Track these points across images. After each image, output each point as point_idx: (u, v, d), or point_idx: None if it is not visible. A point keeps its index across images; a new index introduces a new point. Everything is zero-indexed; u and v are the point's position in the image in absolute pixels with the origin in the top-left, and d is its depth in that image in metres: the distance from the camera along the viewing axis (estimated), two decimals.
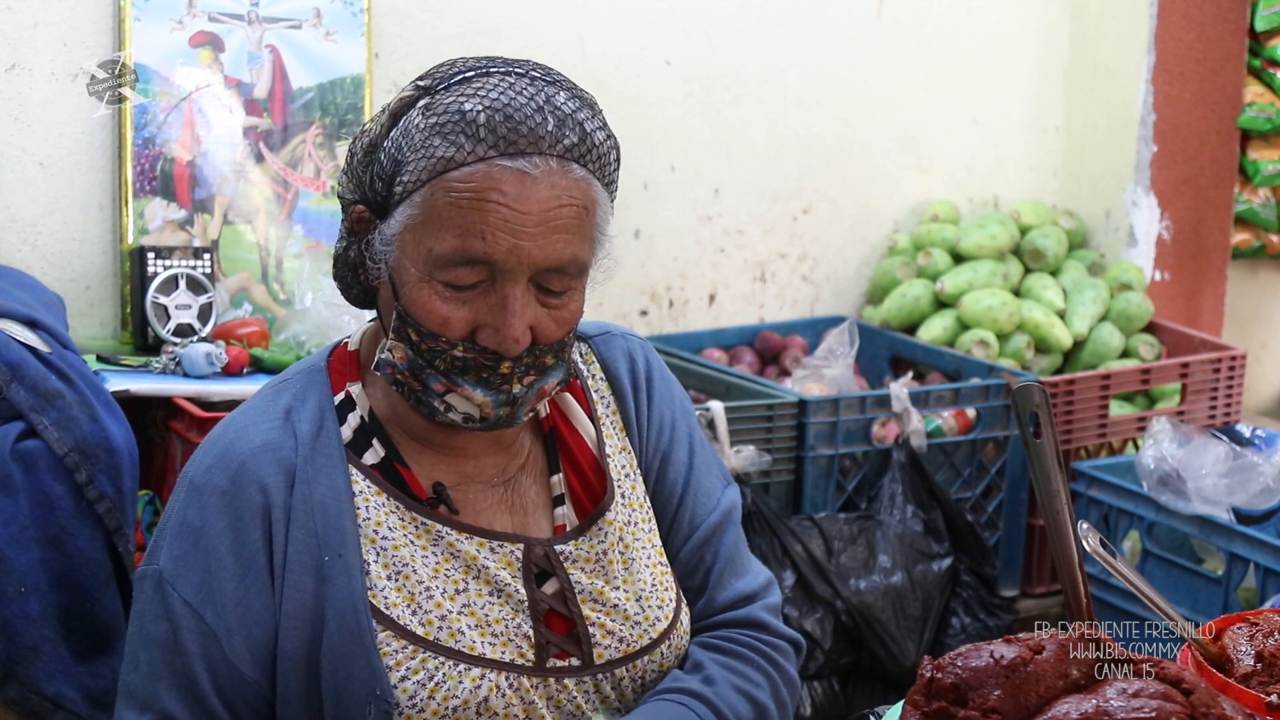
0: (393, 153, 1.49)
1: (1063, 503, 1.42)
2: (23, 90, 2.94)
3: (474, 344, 1.50)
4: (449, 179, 1.46)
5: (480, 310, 1.49)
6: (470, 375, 1.51)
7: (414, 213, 1.48)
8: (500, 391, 1.53)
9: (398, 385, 1.55)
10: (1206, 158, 4.27)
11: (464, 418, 1.54)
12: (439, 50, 3.38)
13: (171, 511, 1.57)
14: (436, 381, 1.52)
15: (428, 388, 1.53)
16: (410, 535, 1.57)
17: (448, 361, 1.51)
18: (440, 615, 1.55)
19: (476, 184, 1.45)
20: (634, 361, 1.75)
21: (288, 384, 1.63)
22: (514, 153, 1.46)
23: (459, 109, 1.47)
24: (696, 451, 1.76)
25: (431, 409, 1.55)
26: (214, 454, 1.56)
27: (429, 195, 1.47)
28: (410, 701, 1.51)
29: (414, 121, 1.49)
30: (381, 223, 1.52)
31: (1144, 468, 3.20)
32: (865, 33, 3.98)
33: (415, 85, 1.53)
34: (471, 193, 1.45)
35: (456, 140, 1.46)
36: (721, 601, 1.72)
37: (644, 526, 1.70)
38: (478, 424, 1.55)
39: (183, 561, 1.53)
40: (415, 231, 1.48)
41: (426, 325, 1.50)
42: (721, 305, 3.90)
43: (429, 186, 1.47)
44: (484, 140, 1.45)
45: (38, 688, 2.35)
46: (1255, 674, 1.40)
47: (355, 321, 2.91)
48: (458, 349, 1.50)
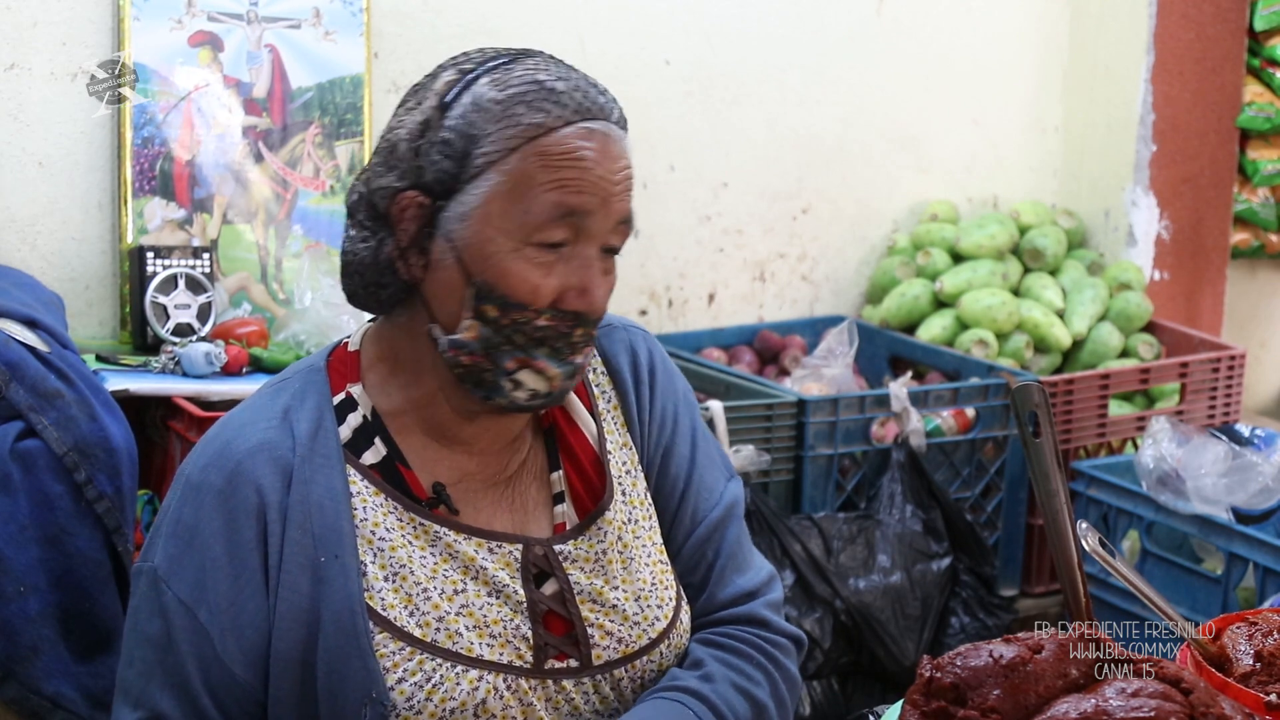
0: (463, 129, 1.51)
1: (1062, 502, 1.42)
2: (22, 90, 2.94)
3: (557, 311, 1.53)
4: (541, 143, 1.50)
5: (564, 275, 1.53)
6: (544, 347, 1.54)
7: (500, 180, 1.50)
8: (568, 363, 1.56)
9: (461, 369, 1.55)
10: (1206, 157, 4.27)
11: (530, 395, 1.55)
12: (439, 50, 3.35)
13: (168, 509, 1.57)
14: (510, 359, 1.53)
15: (499, 366, 1.54)
16: (408, 536, 1.56)
17: (526, 334, 1.53)
18: (438, 616, 1.54)
19: (570, 145, 1.50)
20: (636, 354, 1.75)
21: (286, 384, 1.62)
22: (591, 116, 1.53)
23: (534, 79, 1.52)
24: (699, 445, 1.76)
25: (495, 389, 1.55)
26: (210, 453, 1.56)
27: (519, 162, 1.50)
28: (407, 703, 1.51)
29: (485, 95, 1.51)
30: (446, 202, 1.52)
31: (1143, 467, 3.20)
32: (865, 33, 3.98)
33: (456, 70, 1.55)
34: (565, 153, 1.50)
35: (543, 106, 1.50)
36: (723, 598, 1.72)
37: (644, 524, 1.69)
38: (540, 400, 1.56)
39: (177, 560, 1.53)
40: (503, 200, 1.50)
41: (516, 295, 1.51)
42: (721, 305, 3.90)
43: (519, 153, 1.50)
44: (567, 105, 1.51)
45: (37, 687, 2.35)
46: (1254, 673, 1.40)
47: (355, 321, 2.91)
48: (542, 318, 1.52)
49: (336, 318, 2.93)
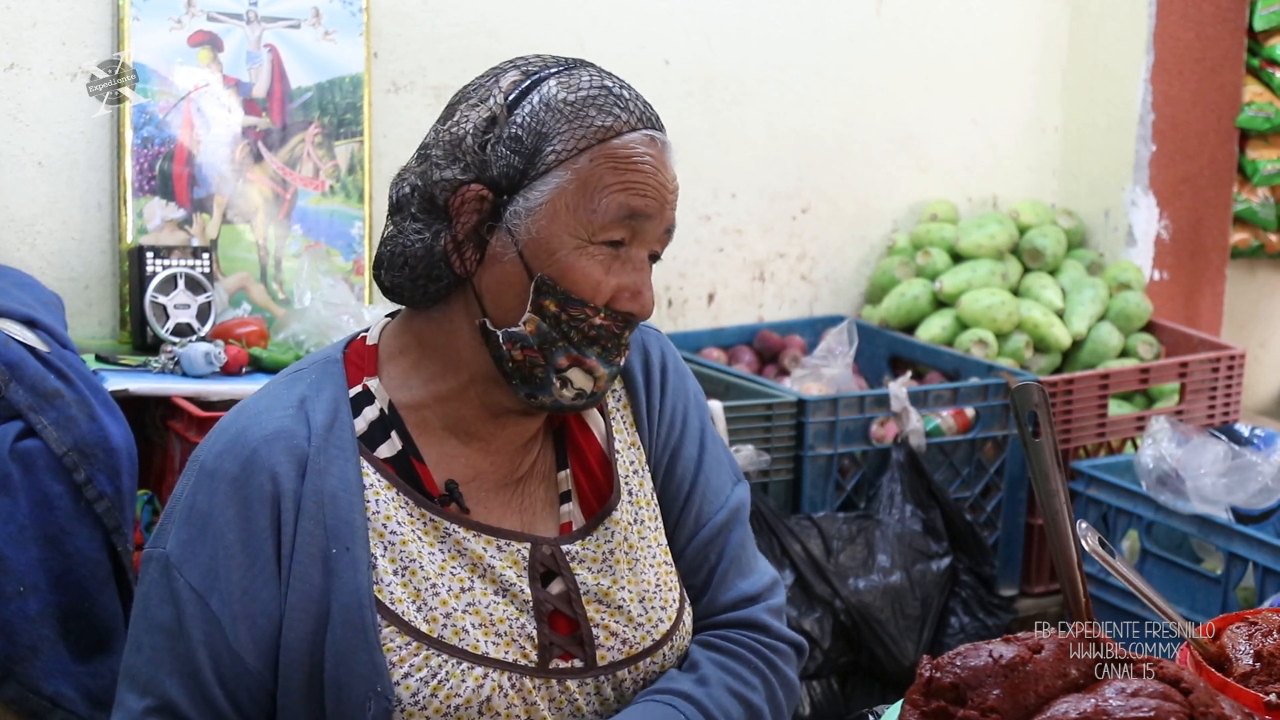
0: (534, 127, 1.54)
1: (1061, 502, 1.42)
2: (22, 90, 2.94)
3: (612, 311, 1.56)
4: (610, 146, 1.54)
5: (620, 276, 1.56)
6: (597, 346, 1.57)
7: (568, 177, 1.53)
8: (613, 364, 1.59)
9: (512, 364, 1.56)
10: (1205, 157, 4.27)
11: (576, 394, 1.58)
12: (438, 50, 3.38)
13: (180, 495, 1.57)
14: (562, 355, 1.56)
15: (550, 363, 1.56)
16: (418, 531, 1.57)
17: (582, 332, 1.55)
18: (445, 613, 1.55)
19: (635, 150, 1.55)
20: (648, 354, 1.75)
21: (302, 374, 1.62)
22: (649, 125, 1.58)
23: (602, 84, 1.57)
24: (707, 447, 1.76)
25: (541, 387, 1.56)
26: (226, 439, 1.56)
27: (588, 162, 1.54)
28: (413, 699, 1.51)
29: (556, 96, 1.55)
30: (511, 197, 1.54)
31: (1143, 467, 3.20)
32: (864, 32, 3.98)
33: (523, 72, 1.58)
34: (631, 156, 1.55)
35: (612, 111, 1.55)
36: (724, 601, 1.72)
37: (650, 525, 1.69)
38: (584, 400, 1.59)
39: (190, 547, 1.53)
40: (572, 197, 1.53)
41: (578, 292, 1.54)
42: (720, 305, 3.90)
43: (588, 153, 1.54)
44: (634, 113, 1.57)
45: (36, 687, 2.35)
46: (1254, 673, 1.40)
47: (354, 321, 2.91)
48: (599, 316, 1.55)
49: (336, 317, 2.93)
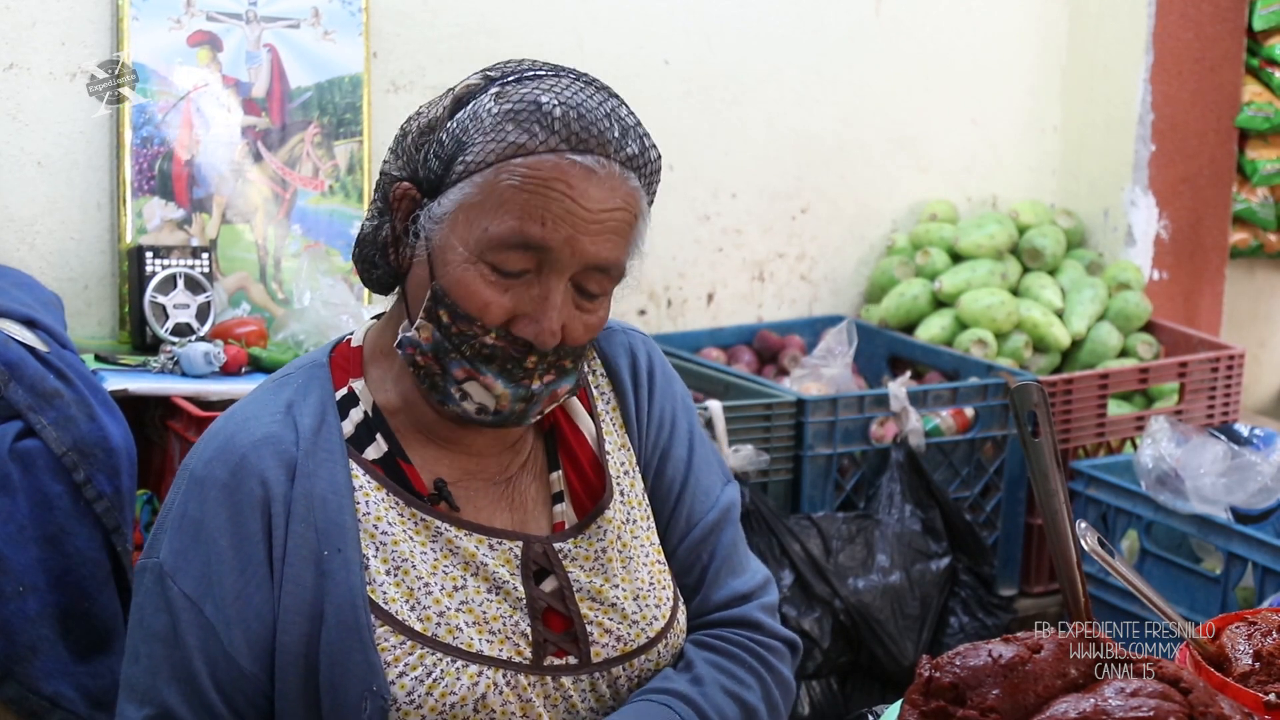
0: (457, 133, 1.52)
1: (1061, 502, 1.42)
2: (21, 89, 2.94)
3: (507, 333, 1.52)
4: (516, 164, 1.49)
5: (521, 300, 1.51)
6: (494, 365, 1.53)
7: (471, 192, 1.50)
8: (520, 385, 1.54)
9: (415, 368, 1.55)
10: (1205, 157, 4.27)
11: (478, 409, 1.54)
12: (437, 50, 3.38)
13: (172, 504, 1.57)
14: (458, 367, 1.53)
15: (447, 373, 1.54)
16: (409, 531, 1.57)
17: (474, 348, 1.52)
18: (439, 612, 1.55)
19: (544, 172, 1.48)
20: (635, 357, 1.75)
21: (289, 379, 1.63)
22: (583, 150, 1.49)
23: (535, 100, 1.50)
24: (696, 449, 1.76)
25: (446, 396, 1.55)
26: (215, 446, 1.56)
27: (492, 177, 1.49)
28: (408, 698, 1.51)
29: (485, 106, 1.52)
30: (431, 201, 1.54)
31: (1142, 467, 3.20)
32: (864, 33, 3.98)
33: (484, 75, 1.56)
34: (538, 179, 1.48)
35: (530, 128, 1.49)
36: (716, 600, 1.72)
37: (642, 525, 1.70)
38: (490, 417, 1.55)
39: (183, 555, 1.53)
40: (470, 211, 1.50)
41: (465, 307, 1.51)
42: (720, 304, 3.90)
43: (494, 168, 1.49)
44: (557, 133, 1.49)
45: (36, 687, 2.35)
46: (1253, 673, 1.40)
47: (353, 321, 2.91)
48: (490, 335, 1.51)
49: (335, 317, 2.93)
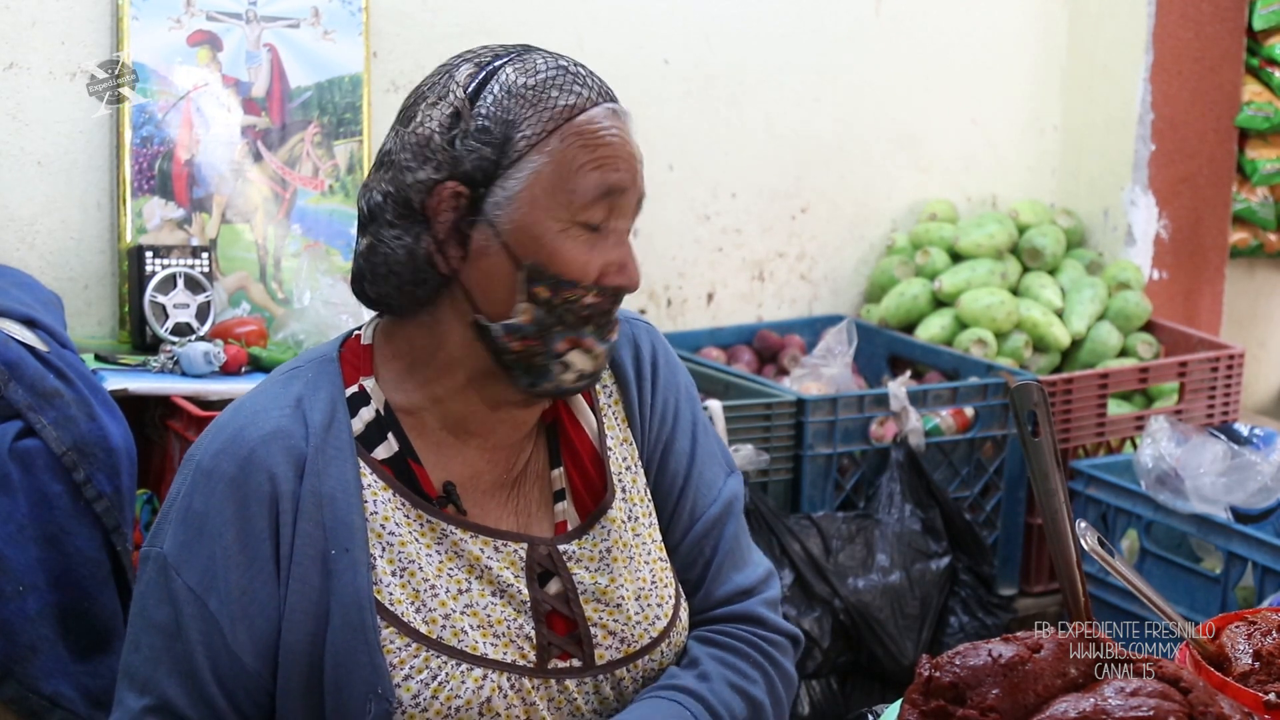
0: (500, 115, 1.52)
1: (1061, 501, 1.42)
2: (21, 89, 2.94)
3: (601, 287, 1.55)
4: (577, 123, 1.54)
5: (605, 252, 1.56)
6: (591, 325, 1.56)
7: (542, 161, 1.52)
8: (608, 340, 1.59)
9: (512, 356, 1.54)
10: (1204, 156, 4.27)
11: (577, 376, 1.57)
12: (437, 49, 3.37)
13: (177, 495, 1.56)
14: (561, 340, 1.55)
15: (550, 349, 1.55)
16: (416, 532, 1.57)
17: (577, 313, 1.55)
18: (444, 614, 1.55)
19: (600, 124, 1.55)
20: (639, 348, 1.74)
21: (298, 372, 1.62)
22: (609, 97, 1.58)
23: (558, 64, 1.56)
24: (699, 440, 1.75)
25: (544, 373, 1.56)
26: (223, 439, 1.55)
27: (558, 143, 1.53)
28: (414, 701, 1.51)
29: (515, 82, 1.53)
30: (487, 189, 1.52)
31: (1142, 466, 3.20)
32: (863, 32, 3.98)
33: (476, 64, 1.56)
34: (599, 131, 1.54)
35: (573, 88, 1.54)
36: (720, 595, 1.71)
37: (644, 521, 1.69)
38: (585, 380, 1.58)
39: (188, 548, 1.52)
40: (548, 180, 1.52)
41: (568, 274, 1.53)
42: (720, 304, 3.90)
43: (557, 134, 1.53)
44: (592, 87, 1.56)
45: (36, 687, 2.35)
46: (1253, 672, 1.40)
47: (353, 321, 2.91)
48: (590, 295, 1.55)
49: (335, 317, 2.93)
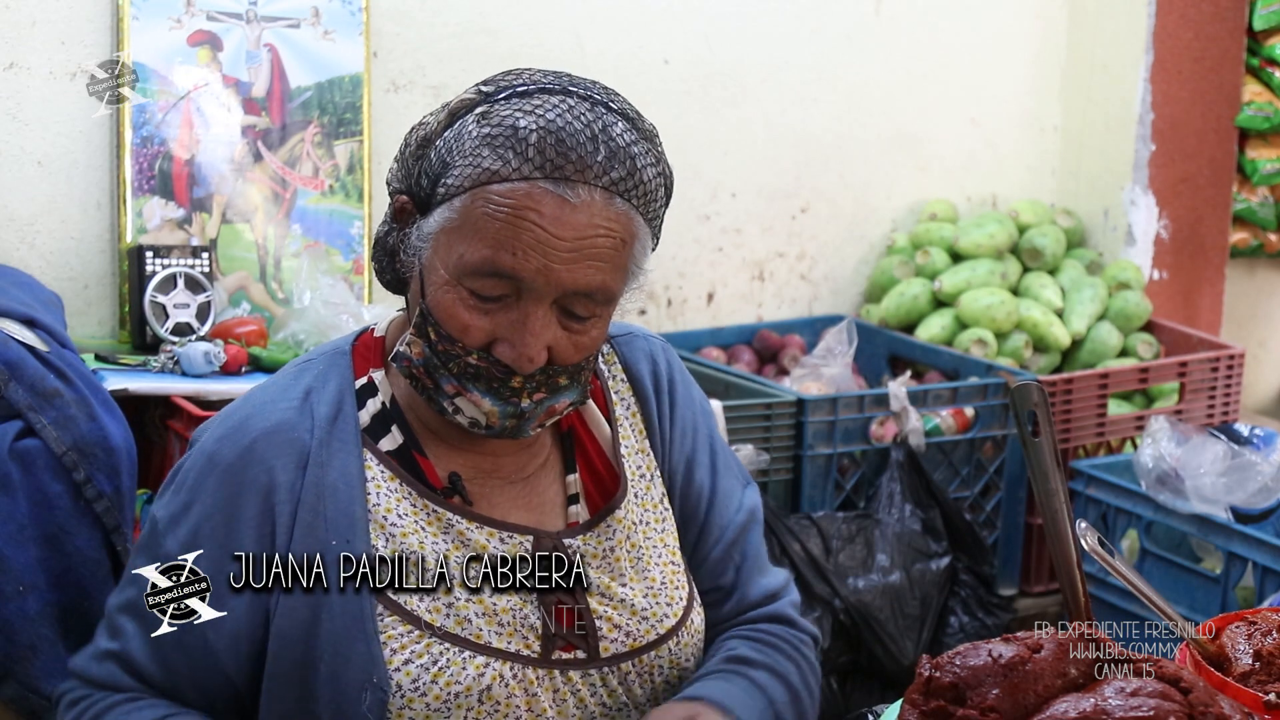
0: (443, 153, 1.51)
1: (1061, 501, 1.42)
2: (21, 89, 2.94)
3: (489, 355, 1.52)
4: (490, 191, 1.47)
5: (501, 324, 1.51)
6: (481, 383, 1.53)
7: (452, 216, 1.50)
8: (509, 403, 1.54)
9: (412, 379, 1.58)
10: (1205, 157, 4.27)
11: (470, 422, 1.56)
12: (437, 49, 3.38)
13: (181, 465, 1.62)
14: (448, 383, 1.55)
15: (439, 387, 1.55)
16: (421, 522, 1.58)
17: (460, 366, 1.53)
18: (447, 602, 1.56)
19: (516, 201, 1.46)
20: (656, 364, 1.77)
21: (310, 364, 1.65)
22: (558, 177, 1.47)
23: (513, 124, 1.48)
24: (718, 454, 1.80)
25: (441, 408, 1.57)
26: (229, 426, 1.59)
27: (469, 202, 1.49)
28: (413, 685, 1.53)
29: (468, 127, 1.50)
30: (422, 218, 1.54)
31: (1142, 466, 3.20)
32: (863, 32, 3.98)
33: (478, 90, 1.54)
34: (509, 208, 1.46)
35: (504, 155, 1.47)
36: (753, 599, 1.77)
37: (656, 527, 1.71)
38: (483, 430, 1.57)
39: (175, 519, 1.57)
40: (450, 235, 1.50)
41: (446, 328, 1.52)
42: (719, 304, 3.90)
43: (470, 194, 1.49)
44: (531, 160, 1.47)
45: (36, 686, 2.35)
46: (1253, 672, 1.40)
47: (353, 320, 2.91)
48: (472, 356, 1.52)
49: (335, 317, 2.93)
